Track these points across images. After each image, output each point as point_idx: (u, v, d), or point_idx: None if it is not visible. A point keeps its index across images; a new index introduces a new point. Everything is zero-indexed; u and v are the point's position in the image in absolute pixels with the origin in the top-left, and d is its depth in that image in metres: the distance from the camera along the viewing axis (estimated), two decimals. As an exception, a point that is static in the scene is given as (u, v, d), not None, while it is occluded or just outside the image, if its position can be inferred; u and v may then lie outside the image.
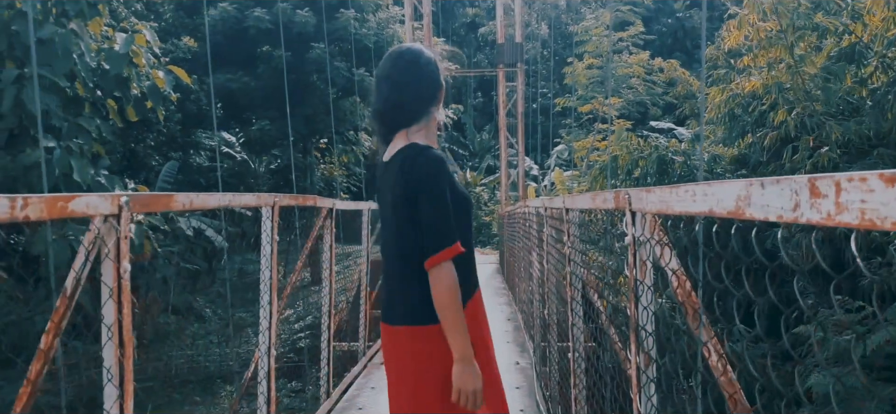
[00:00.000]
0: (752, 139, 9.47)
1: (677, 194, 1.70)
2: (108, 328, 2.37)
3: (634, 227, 2.18)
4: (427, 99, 2.28)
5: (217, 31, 19.12)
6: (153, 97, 11.31)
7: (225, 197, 3.27)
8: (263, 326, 3.79)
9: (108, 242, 2.37)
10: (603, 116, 18.98)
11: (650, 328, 2.19)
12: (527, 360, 6.93)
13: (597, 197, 2.64)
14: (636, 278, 2.19)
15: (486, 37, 40.64)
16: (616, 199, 2.33)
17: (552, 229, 4.73)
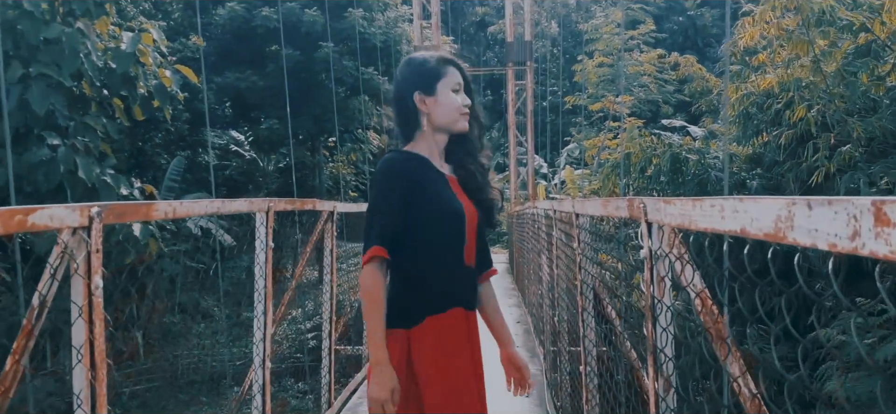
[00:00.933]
0: (768, 138, 9.26)
1: (702, 209, 1.52)
2: (78, 350, 2.21)
3: (651, 239, 2.00)
4: (404, 110, 2.29)
5: (226, 30, 19.06)
6: (160, 96, 11.21)
7: (213, 203, 3.12)
8: (257, 338, 3.63)
9: (78, 256, 2.21)
10: (614, 115, 18.77)
11: (670, 352, 2.01)
12: (537, 366, 6.75)
13: (608, 204, 2.46)
14: (653, 296, 2.01)
15: (495, 35, 40.41)
16: (630, 208, 2.15)
17: (562, 233, 4.56)
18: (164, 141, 17.01)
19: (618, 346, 3.51)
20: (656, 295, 2.01)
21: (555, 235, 4.78)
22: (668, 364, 2.02)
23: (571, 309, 4.28)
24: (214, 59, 19.10)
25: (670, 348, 2.02)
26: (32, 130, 9.47)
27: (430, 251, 2.20)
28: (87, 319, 2.23)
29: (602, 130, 19.57)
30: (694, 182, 9.12)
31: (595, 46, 21.13)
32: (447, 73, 2.30)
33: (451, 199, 2.26)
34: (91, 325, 2.24)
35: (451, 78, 2.29)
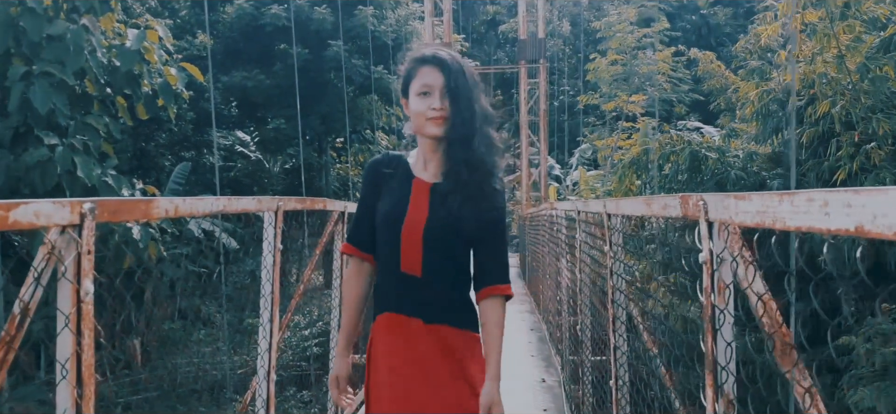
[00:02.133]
0: (787, 135, 8.99)
1: (793, 204, 1.23)
2: (64, 365, 1.93)
3: (712, 242, 1.72)
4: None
5: (233, 29, 18.85)
6: (165, 95, 10.97)
7: (218, 202, 2.83)
8: (262, 348, 3.34)
9: (67, 257, 1.93)
10: (627, 114, 18.48)
11: (732, 368, 1.73)
12: (554, 377, 6.44)
13: (653, 203, 2.17)
14: (714, 305, 1.72)
15: (506, 34, 40.14)
16: (684, 206, 1.86)
17: (587, 235, 4.26)
18: (169, 142, 16.78)
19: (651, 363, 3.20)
20: (718, 304, 1.72)
21: (578, 238, 4.47)
22: (730, 382, 1.74)
23: (597, 317, 4.00)
24: (221, 58, 18.90)
25: (732, 364, 1.74)
26: (32, 130, 9.25)
27: (379, 252, 2.26)
28: (75, 329, 1.95)
29: (615, 130, 19.30)
30: (713, 181, 8.90)
31: (608, 45, 20.85)
32: (417, 75, 2.19)
33: (395, 204, 2.21)
34: (79, 336, 1.97)
35: (418, 79, 2.18)
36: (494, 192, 2.17)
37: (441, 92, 2.14)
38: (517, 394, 5.87)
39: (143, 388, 11.90)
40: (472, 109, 2.13)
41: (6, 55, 9.39)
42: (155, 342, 13.17)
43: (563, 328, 6.12)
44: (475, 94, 2.16)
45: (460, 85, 2.13)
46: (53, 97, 8.95)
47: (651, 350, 3.01)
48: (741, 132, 10.61)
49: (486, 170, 2.13)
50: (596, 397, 4.23)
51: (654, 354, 2.97)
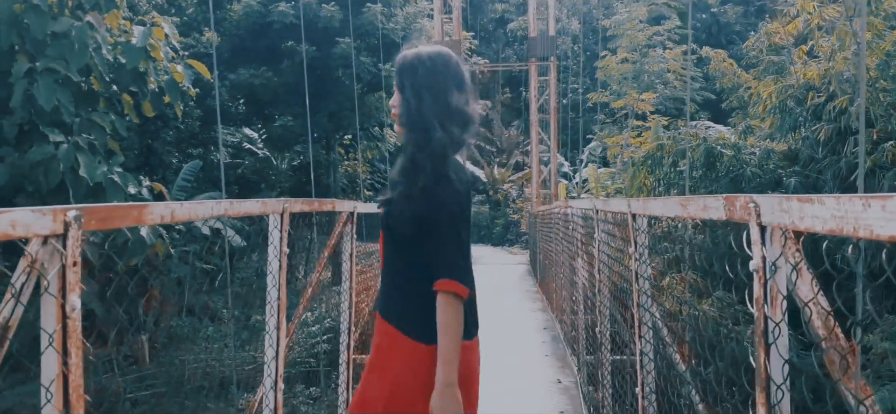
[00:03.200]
0: (805, 133, 8.83)
1: (886, 210, 1.06)
2: (48, 387, 1.77)
3: (765, 247, 1.55)
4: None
5: (240, 26, 18.72)
6: (171, 92, 10.86)
7: (220, 205, 2.64)
8: (269, 356, 3.18)
9: (50, 270, 1.77)
10: (637, 112, 18.30)
11: (785, 384, 1.57)
12: (570, 377, 6.27)
13: (690, 203, 2.00)
14: (767, 317, 1.56)
15: (515, 32, 39.94)
16: (729, 208, 1.70)
17: (606, 234, 4.09)
18: (176, 139, 16.67)
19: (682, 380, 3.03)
20: (771, 316, 1.55)
21: (598, 237, 4.30)
22: (786, 402, 1.57)
23: (619, 319, 3.83)
24: (228, 56, 18.78)
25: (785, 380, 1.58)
26: (37, 127, 9.13)
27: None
28: (61, 348, 1.79)
29: (625, 128, 19.13)
30: (727, 178, 8.75)
31: (618, 43, 20.67)
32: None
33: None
34: (65, 355, 1.80)
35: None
36: (433, 186, 2.06)
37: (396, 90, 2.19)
38: (533, 395, 5.71)
39: (151, 384, 11.81)
40: (412, 102, 2.10)
41: (10, 52, 9.29)
42: (162, 339, 13.06)
43: (579, 328, 5.95)
44: (426, 86, 2.10)
45: (405, 80, 2.13)
46: (58, 94, 8.84)
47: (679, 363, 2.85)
48: (756, 129, 10.45)
49: (418, 165, 2.06)
50: (617, 403, 4.06)
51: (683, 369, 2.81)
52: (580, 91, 30.60)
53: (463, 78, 2.15)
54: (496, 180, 32.22)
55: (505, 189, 31.50)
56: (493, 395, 5.68)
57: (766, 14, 17.13)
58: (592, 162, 24.07)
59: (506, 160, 35.29)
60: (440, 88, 2.09)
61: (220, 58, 19.37)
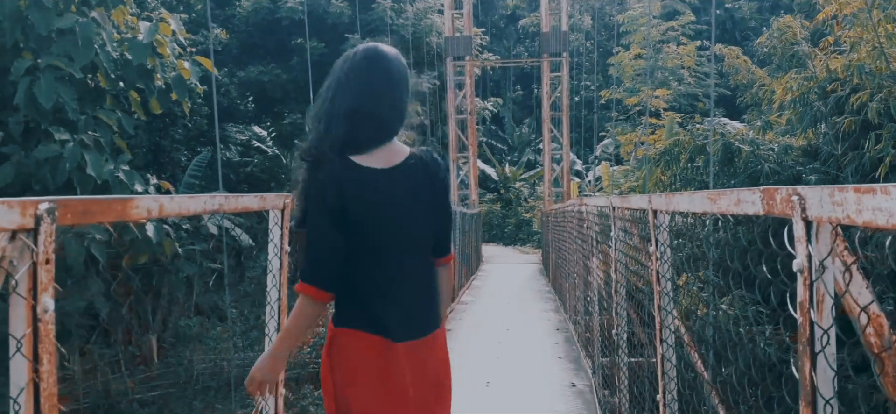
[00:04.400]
0: (825, 128, 8.61)
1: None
2: (16, 398, 1.61)
3: (811, 245, 1.36)
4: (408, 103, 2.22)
5: (249, 23, 18.63)
6: (178, 89, 10.74)
7: (214, 200, 2.44)
8: None
9: (19, 268, 1.60)
10: (651, 109, 18.08)
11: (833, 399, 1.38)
12: (584, 380, 6.07)
13: (721, 197, 1.81)
14: (813, 323, 1.37)
15: (526, 28, 39.70)
16: (768, 202, 1.50)
17: (624, 232, 3.91)
18: (184, 137, 16.58)
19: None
20: (819, 322, 1.36)
21: (615, 235, 4.11)
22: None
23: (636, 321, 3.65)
24: (237, 53, 18.69)
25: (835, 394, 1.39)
26: (41, 125, 9.04)
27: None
28: (31, 354, 1.62)
29: (638, 125, 18.92)
30: (745, 174, 8.56)
31: (631, 38, 20.44)
32: None
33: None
34: (37, 362, 1.64)
35: None
36: (305, 185, 2.09)
37: None
38: (547, 399, 5.53)
39: (160, 384, 11.73)
40: (320, 97, 2.17)
41: (15, 48, 9.19)
42: (171, 339, 12.97)
43: (594, 330, 5.75)
44: (334, 84, 2.14)
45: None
46: (61, 91, 8.72)
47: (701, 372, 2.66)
48: (774, 125, 10.25)
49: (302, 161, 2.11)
50: (635, 409, 3.86)
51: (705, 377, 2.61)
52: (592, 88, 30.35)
53: (377, 79, 2.12)
54: (508, 179, 32.00)
55: (516, 187, 31.27)
56: (508, 399, 5.50)
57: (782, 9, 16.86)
58: (605, 160, 23.84)
59: (517, 158, 35.07)
60: (343, 87, 2.11)
61: (230, 55, 19.29)
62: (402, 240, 2.12)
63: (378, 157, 2.10)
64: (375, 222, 2.07)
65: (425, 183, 2.15)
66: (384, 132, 2.13)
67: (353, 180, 2.04)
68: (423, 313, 2.17)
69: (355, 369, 2.10)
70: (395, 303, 2.10)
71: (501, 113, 37.25)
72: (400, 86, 2.17)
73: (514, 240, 28.39)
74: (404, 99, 2.19)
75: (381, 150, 2.11)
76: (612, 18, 32.91)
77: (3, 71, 9.14)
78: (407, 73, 2.21)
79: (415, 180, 2.13)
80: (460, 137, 23.63)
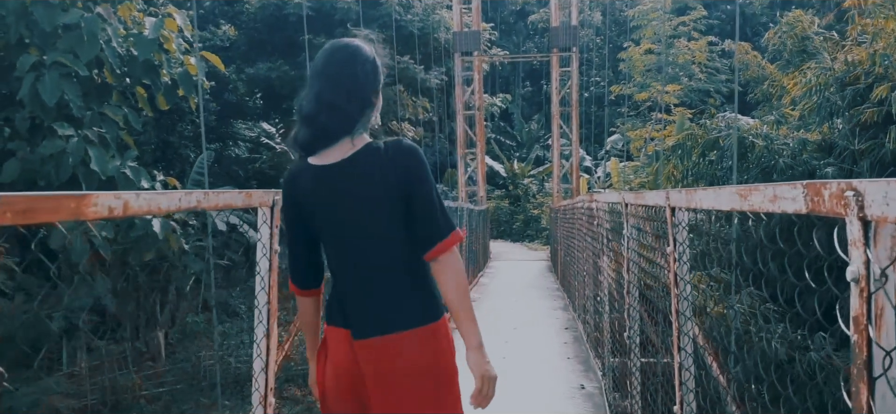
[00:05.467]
0: (841, 123, 8.45)
1: None
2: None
3: (869, 249, 1.21)
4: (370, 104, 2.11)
5: (257, 19, 18.55)
6: (185, 85, 10.67)
7: (190, 196, 2.22)
8: (256, 369, 2.85)
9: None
10: (661, 105, 17.90)
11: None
12: (594, 382, 5.93)
13: (753, 193, 1.65)
14: (871, 340, 1.21)
15: (535, 24, 39.50)
16: (813, 198, 1.34)
17: (636, 230, 3.76)
18: (193, 134, 16.51)
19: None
20: (876, 340, 1.21)
21: (627, 233, 3.96)
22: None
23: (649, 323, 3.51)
24: (245, 49, 18.61)
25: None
26: (45, 122, 8.98)
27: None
28: None
29: (648, 121, 18.76)
30: (758, 169, 8.42)
31: (642, 33, 20.27)
32: None
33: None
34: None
35: None
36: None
37: None
38: (555, 402, 5.40)
39: (168, 381, 11.66)
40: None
41: (20, 44, 9.13)
42: (178, 335, 12.89)
43: (604, 331, 5.61)
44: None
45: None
46: (65, 88, 8.65)
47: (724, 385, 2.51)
48: (789, 118, 10.10)
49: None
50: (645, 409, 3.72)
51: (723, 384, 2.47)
52: (602, 84, 30.15)
53: (317, 81, 2.07)
54: (516, 175, 31.84)
55: (525, 184, 31.11)
56: (515, 401, 5.37)
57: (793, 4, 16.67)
58: (615, 156, 23.65)
59: (526, 155, 34.89)
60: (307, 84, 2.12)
61: (238, 51, 19.22)
62: (352, 234, 2.06)
63: (330, 155, 2.05)
64: (324, 219, 2.08)
65: (379, 172, 2.02)
66: (327, 133, 2.05)
67: (303, 181, 2.08)
68: (383, 310, 2.04)
69: (328, 361, 2.14)
70: (352, 298, 2.08)
71: (510, 109, 37.09)
72: (344, 88, 2.05)
73: (522, 236, 28.24)
74: (350, 102, 2.05)
75: (335, 148, 2.06)
76: (622, 13, 32.72)
77: (8, 67, 9.09)
78: (356, 71, 2.08)
79: (364, 171, 2.03)
80: (468, 133, 23.49)
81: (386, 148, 2.05)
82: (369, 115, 2.11)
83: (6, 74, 9.32)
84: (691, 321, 2.54)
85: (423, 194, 2.02)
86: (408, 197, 2.02)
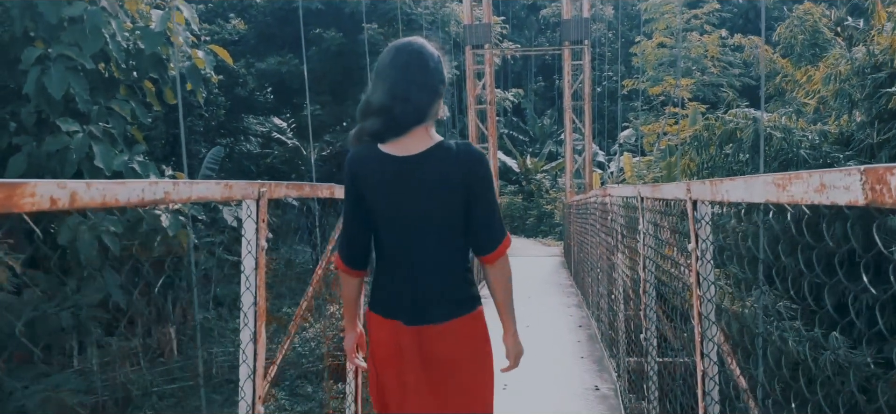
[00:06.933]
0: (859, 115, 8.25)
1: None
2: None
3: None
4: (438, 94, 2.24)
5: (266, 13, 18.44)
6: (192, 78, 10.58)
7: (156, 187, 1.92)
8: (242, 376, 2.67)
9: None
10: (674, 99, 17.69)
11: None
12: (609, 383, 5.76)
13: (794, 181, 1.45)
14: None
15: (547, 19, 39.23)
16: (875, 187, 1.15)
17: (653, 226, 3.59)
18: (205, 128, 16.44)
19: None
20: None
21: (643, 229, 3.79)
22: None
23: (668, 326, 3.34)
24: (255, 43, 18.52)
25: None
26: (50, 116, 8.90)
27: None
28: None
29: (661, 115, 18.56)
30: (777, 161, 8.25)
31: (655, 26, 20.04)
32: None
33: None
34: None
35: None
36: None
37: None
38: (569, 403, 5.24)
39: (183, 377, 11.58)
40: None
41: (25, 37, 9.05)
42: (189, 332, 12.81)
43: (619, 330, 5.43)
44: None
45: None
46: (71, 81, 8.56)
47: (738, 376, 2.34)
48: (805, 109, 9.92)
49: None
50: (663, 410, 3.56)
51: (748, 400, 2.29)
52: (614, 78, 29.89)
53: (391, 68, 2.18)
54: (529, 170, 31.64)
55: (538, 179, 30.90)
56: (527, 402, 5.22)
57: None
58: (627, 150, 23.41)
59: (539, 150, 34.67)
60: (372, 82, 2.23)
61: (248, 45, 19.13)
62: (420, 225, 2.18)
63: (401, 146, 2.16)
64: (391, 207, 2.18)
65: (447, 172, 2.14)
66: (399, 123, 2.16)
67: (370, 166, 2.18)
68: (437, 300, 2.20)
69: (374, 345, 2.30)
70: (405, 287, 2.21)
71: (523, 104, 36.86)
72: (416, 80, 2.17)
73: (535, 232, 28.05)
74: (421, 92, 2.17)
75: (406, 139, 2.16)
76: (634, 7, 32.44)
77: (13, 60, 9.02)
78: (427, 65, 2.21)
79: (438, 168, 2.15)
80: (480, 128, 23.30)
81: (457, 149, 2.17)
82: (437, 106, 2.22)
83: (12, 68, 9.25)
84: (712, 321, 2.37)
85: (486, 200, 2.19)
86: (472, 199, 2.16)
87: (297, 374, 10.37)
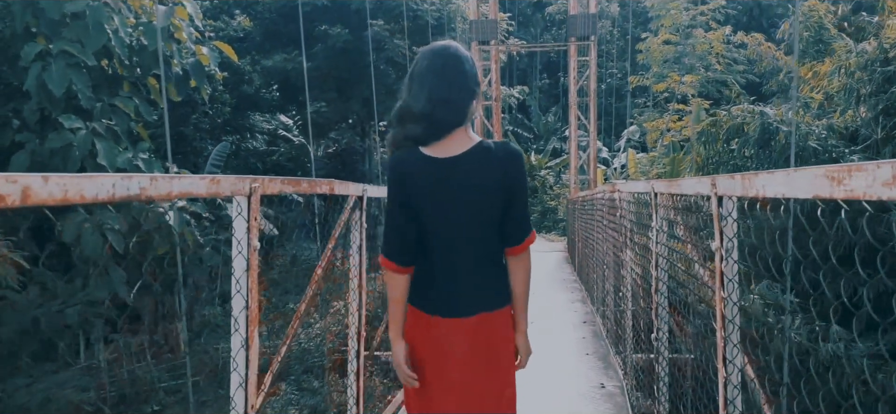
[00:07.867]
0: (865, 110, 8.17)
1: None
2: None
3: None
4: (474, 95, 2.29)
5: (272, 10, 18.39)
6: (196, 75, 10.52)
7: (130, 182, 1.75)
8: (234, 384, 2.51)
9: None
10: (679, 96, 17.61)
11: None
12: (614, 380, 5.69)
13: (855, 173, 1.31)
14: None
15: (553, 16, 39.09)
16: None
17: (667, 222, 3.53)
18: (208, 125, 16.38)
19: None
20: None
21: (656, 225, 3.72)
22: None
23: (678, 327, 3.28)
24: (261, 40, 18.47)
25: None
26: (53, 113, 8.85)
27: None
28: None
29: (666, 112, 18.49)
30: (783, 156, 8.18)
31: (660, 23, 19.96)
32: None
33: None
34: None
35: None
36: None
37: None
38: (574, 401, 5.18)
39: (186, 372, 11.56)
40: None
41: (27, 33, 8.99)
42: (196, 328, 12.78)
43: (626, 327, 5.37)
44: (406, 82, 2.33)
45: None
46: (73, 78, 8.50)
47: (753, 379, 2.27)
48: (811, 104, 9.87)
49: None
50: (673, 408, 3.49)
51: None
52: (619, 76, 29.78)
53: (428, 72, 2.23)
54: (533, 167, 31.57)
55: (542, 175, 30.85)
56: (532, 400, 5.17)
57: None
58: (631, 147, 23.31)
59: (543, 146, 34.59)
60: (408, 88, 2.27)
61: (253, 42, 19.08)
62: (465, 222, 2.24)
63: (442, 148, 2.22)
64: (437, 206, 2.23)
65: (488, 171, 2.21)
66: (440, 126, 2.22)
67: (415, 169, 2.22)
68: (475, 294, 2.29)
69: (414, 339, 2.35)
70: (453, 281, 2.27)
71: (528, 101, 36.76)
72: (455, 83, 2.23)
73: (539, 228, 28.01)
74: (460, 94, 2.24)
75: (447, 141, 2.22)
76: (639, 4, 32.34)
77: (15, 57, 8.96)
78: (464, 68, 2.26)
79: (480, 167, 2.21)
80: (485, 124, 23.23)
81: (496, 148, 2.25)
82: (474, 107, 2.28)
83: (14, 65, 9.19)
84: (736, 325, 2.30)
85: (522, 197, 2.28)
86: (510, 196, 2.24)
87: (303, 369, 10.33)
